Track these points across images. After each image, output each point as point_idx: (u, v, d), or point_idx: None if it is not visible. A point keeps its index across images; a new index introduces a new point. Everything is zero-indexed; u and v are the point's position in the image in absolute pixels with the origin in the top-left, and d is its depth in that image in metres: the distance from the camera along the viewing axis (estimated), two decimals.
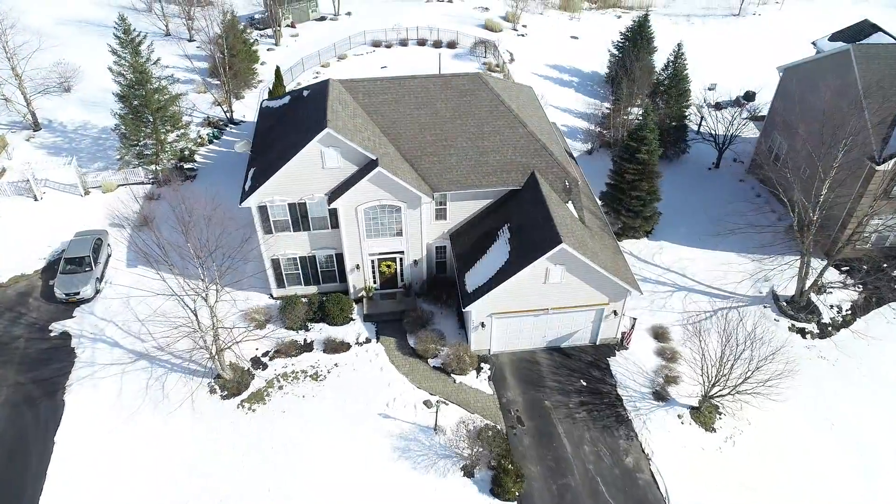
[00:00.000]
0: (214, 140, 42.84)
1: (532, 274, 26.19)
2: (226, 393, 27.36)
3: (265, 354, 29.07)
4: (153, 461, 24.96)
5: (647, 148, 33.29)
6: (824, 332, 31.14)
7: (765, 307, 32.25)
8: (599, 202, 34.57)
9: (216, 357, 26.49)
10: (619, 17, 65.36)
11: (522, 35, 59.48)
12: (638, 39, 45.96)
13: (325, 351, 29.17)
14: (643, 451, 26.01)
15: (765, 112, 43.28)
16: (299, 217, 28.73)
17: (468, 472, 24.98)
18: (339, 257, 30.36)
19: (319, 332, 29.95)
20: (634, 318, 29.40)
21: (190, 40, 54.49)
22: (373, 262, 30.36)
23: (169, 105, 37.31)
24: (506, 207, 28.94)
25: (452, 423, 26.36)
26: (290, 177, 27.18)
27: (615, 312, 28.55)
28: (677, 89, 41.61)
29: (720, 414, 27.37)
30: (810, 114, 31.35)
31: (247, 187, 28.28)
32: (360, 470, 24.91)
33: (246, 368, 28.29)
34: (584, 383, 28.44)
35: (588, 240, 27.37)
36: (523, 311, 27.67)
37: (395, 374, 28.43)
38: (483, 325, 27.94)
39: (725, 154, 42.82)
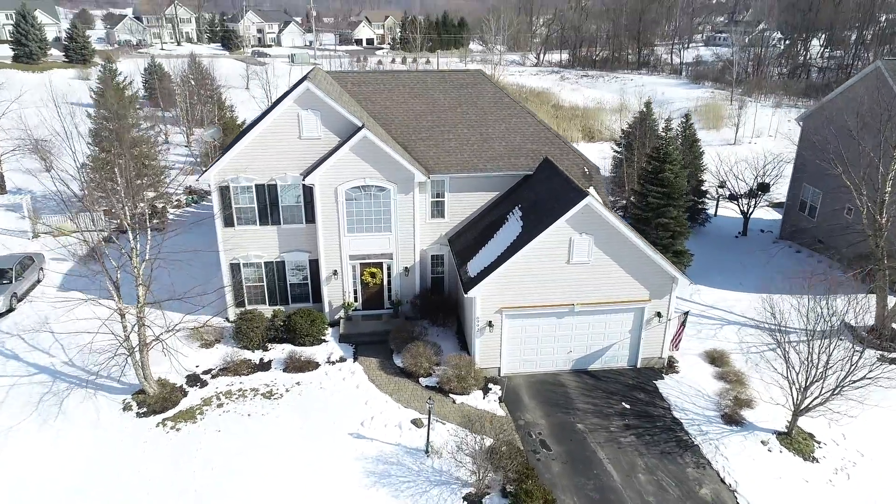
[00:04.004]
0: (193, 204, 39.33)
1: (552, 246, 20.76)
2: (145, 410, 20.23)
3: (207, 372, 22.31)
4: (24, 483, 17.32)
5: (671, 167, 29.56)
6: None
7: (840, 339, 25.83)
8: None
9: (137, 353, 19.91)
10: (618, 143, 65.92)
11: None
12: (645, 120, 44.69)
13: (285, 370, 22.44)
14: (723, 481, 18.28)
15: (782, 199, 40.48)
16: (268, 205, 23.98)
17: (474, 502, 17.16)
18: (314, 265, 24.95)
19: (282, 351, 23.43)
20: (686, 312, 23.07)
21: (187, 145, 53.93)
22: (354, 267, 24.86)
23: (145, 149, 34.45)
24: (515, 195, 24.32)
25: (451, 443, 18.96)
26: (261, 147, 23.04)
27: (659, 315, 22.41)
28: (692, 152, 39.09)
29: (819, 442, 19.98)
30: (850, 122, 28.16)
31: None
32: (316, 496, 17.14)
33: (178, 385, 21.40)
34: (627, 406, 21.32)
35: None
36: (542, 305, 21.63)
37: (375, 392, 21.46)
38: (491, 325, 21.67)
39: (751, 225, 39.08)
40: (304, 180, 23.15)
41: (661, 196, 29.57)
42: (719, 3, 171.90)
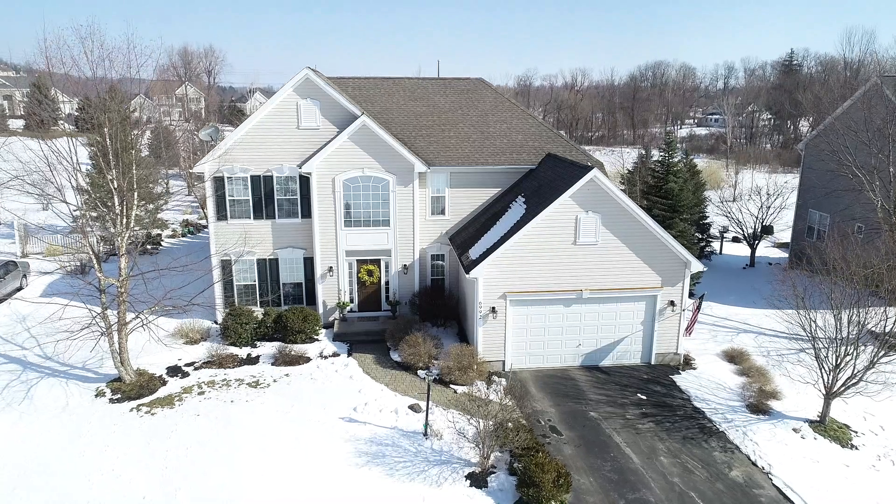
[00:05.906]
0: (188, 235, 38.65)
1: (557, 224, 19.86)
2: (119, 396, 18.59)
3: (190, 364, 20.76)
4: None
5: (675, 179, 29.05)
6: None
7: (865, 345, 24.36)
8: None
9: (115, 333, 18.52)
10: None
11: None
12: (645, 159, 44.92)
13: (274, 363, 20.92)
14: (754, 465, 16.45)
15: (787, 240, 40.03)
16: (263, 198, 23.24)
17: (478, 481, 15.33)
18: (309, 264, 23.91)
19: (271, 347, 21.95)
20: (702, 295, 21.68)
21: (188, 194, 54.03)
22: (350, 265, 23.78)
23: (144, 170, 34.10)
24: (518, 187, 23.63)
25: (453, 426, 17.26)
26: (259, 136, 22.59)
27: (672, 304, 21.13)
28: (694, 181, 38.82)
29: (856, 432, 18.23)
30: (858, 131, 27.97)
31: None
32: (300, 475, 15.33)
33: (157, 375, 19.82)
34: (643, 397, 19.65)
35: None
36: (548, 290, 20.42)
37: (370, 382, 19.87)
38: (494, 311, 20.36)
39: (758, 260, 38.26)
40: (301, 167, 22.54)
41: (667, 208, 28.86)
42: (708, 93, 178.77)
